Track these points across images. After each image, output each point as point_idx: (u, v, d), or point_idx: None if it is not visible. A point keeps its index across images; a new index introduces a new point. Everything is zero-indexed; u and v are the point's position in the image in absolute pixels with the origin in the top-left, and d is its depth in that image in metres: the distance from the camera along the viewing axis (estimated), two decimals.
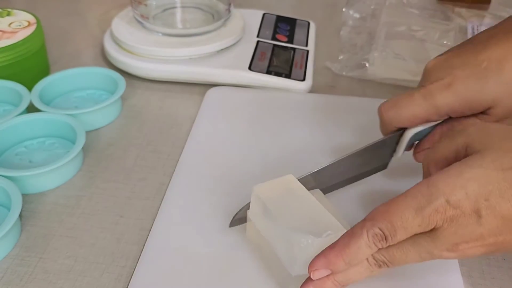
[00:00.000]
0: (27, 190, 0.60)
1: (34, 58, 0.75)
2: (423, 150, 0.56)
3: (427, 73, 0.53)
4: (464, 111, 0.51)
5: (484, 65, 0.50)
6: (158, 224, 0.56)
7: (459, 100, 0.51)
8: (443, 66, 0.52)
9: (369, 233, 0.42)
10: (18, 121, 0.65)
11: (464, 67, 0.51)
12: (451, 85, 0.50)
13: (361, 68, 0.81)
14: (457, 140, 0.44)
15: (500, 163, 0.40)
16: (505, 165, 0.40)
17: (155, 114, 0.73)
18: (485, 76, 0.50)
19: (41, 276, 0.51)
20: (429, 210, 0.41)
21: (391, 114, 0.54)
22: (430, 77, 0.52)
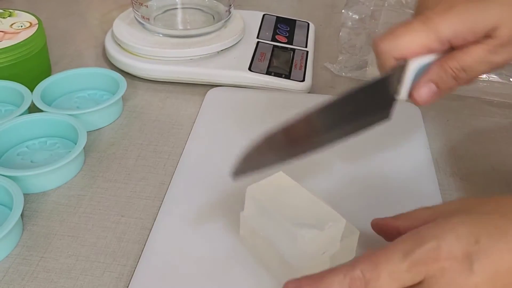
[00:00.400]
0: (29, 189, 0.60)
1: (36, 58, 0.75)
2: (423, 86, 0.49)
3: (421, 1, 0.50)
4: (467, 35, 0.47)
5: None
6: (159, 223, 0.56)
7: (461, 23, 0.46)
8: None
9: (348, 274, 0.39)
10: (20, 121, 0.65)
11: None
12: (452, 7, 0.47)
13: (360, 69, 0.81)
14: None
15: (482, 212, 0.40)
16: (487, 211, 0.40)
17: (156, 114, 0.74)
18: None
19: (43, 275, 0.52)
20: (419, 254, 0.39)
21: (388, 44, 0.48)
22: (426, 4, 0.49)
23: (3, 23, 0.76)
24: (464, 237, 0.39)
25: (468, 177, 0.64)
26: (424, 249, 0.39)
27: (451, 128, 0.71)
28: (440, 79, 0.49)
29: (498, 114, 0.74)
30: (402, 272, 0.38)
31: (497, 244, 0.38)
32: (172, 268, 0.51)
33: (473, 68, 0.48)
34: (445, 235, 0.39)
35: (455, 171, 0.64)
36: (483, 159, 0.67)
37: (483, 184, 0.63)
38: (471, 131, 0.66)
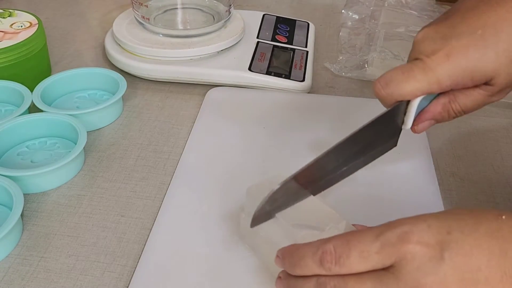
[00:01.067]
0: (29, 189, 0.60)
1: (36, 58, 0.75)
2: (425, 121, 0.53)
3: (418, 45, 0.51)
4: (466, 82, 0.49)
5: (479, 33, 0.48)
6: (159, 223, 0.56)
7: (461, 72, 0.48)
8: (435, 37, 0.50)
9: (320, 247, 0.41)
10: (20, 121, 0.65)
11: (459, 36, 0.48)
12: (450, 56, 0.48)
13: (360, 69, 0.81)
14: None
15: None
16: (459, 212, 0.41)
17: (156, 114, 0.74)
18: (483, 45, 0.48)
19: (43, 275, 0.52)
20: (390, 236, 0.39)
21: (390, 91, 0.51)
22: (423, 49, 0.50)
23: (3, 23, 0.76)
24: (436, 227, 0.40)
25: (468, 177, 0.64)
26: (395, 232, 0.39)
27: (451, 128, 0.71)
28: (442, 117, 0.52)
29: (498, 114, 0.74)
30: (372, 253, 0.39)
31: (468, 239, 0.39)
32: (172, 268, 0.51)
33: (472, 108, 0.52)
34: (418, 223, 0.40)
35: (455, 171, 0.64)
36: (483, 159, 0.67)
37: (483, 184, 0.63)
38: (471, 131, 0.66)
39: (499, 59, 0.48)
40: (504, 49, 0.47)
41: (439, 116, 0.52)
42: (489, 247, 0.39)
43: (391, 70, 0.51)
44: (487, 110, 0.75)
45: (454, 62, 0.48)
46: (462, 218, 0.40)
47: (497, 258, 0.38)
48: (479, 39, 0.48)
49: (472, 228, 0.40)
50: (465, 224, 0.40)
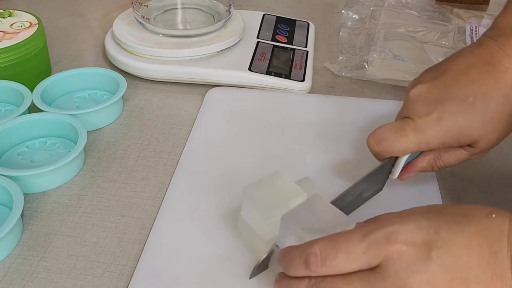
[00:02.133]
0: (29, 189, 0.60)
1: (36, 58, 0.75)
2: (411, 173, 0.57)
3: (411, 104, 0.54)
4: (452, 144, 0.53)
5: (470, 100, 0.51)
6: (159, 223, 0.56)
7: (449, 135, 0.52)
8: (429, 98, 0.53)
9: (306, 249, 0.41)
10: (20, 121, 0.65)
11: (451, 101, 0.52)
12: (441, 120, 0.52)
13: (360, 69, 0.81)
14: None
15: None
16: (449, 212, 0.42)
17: (156, 114, 0.74)
18: (472, 113, 0.51)
19: (43, 275, 0.52)
20: (377, 236, 0.40)
21: (383, 148, 0.54)
22: (416, 110, 0.53)
23: (3, 23, 0.76)
24: (425, 227, 0.40)
25: (468, 177, 0.64)
26: (382, 231, 0.40)
27: None
28: (426, 170, 0.57)
29: None
30: (359, 254, 0.40)
31: (457, 238, 0.39)
32: (172, 268, 0.51)
33: (454, 164, 0.56)
34: (406, 223, 0.40)
35: (455, 171, 0.64)
36: (483, 159, 0.66)
37: (483, 184, 0.63)
38: None
39: (485, 127, 0.52)
40: (490, 118, 0.51)
41: (424, 169, 0.57)
42: (479, 247, 0.39)
43: (383, 127, 0.55)
44: None
45: (444, 125, 0.52)
46: (452, 217, 0.41)
47: (487, 258, 0.39)
48: (470, 106, 0.51)
49: (461, 227, 0.40)
50: (455, 223, 0.40)
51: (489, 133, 0.52)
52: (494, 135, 0.52)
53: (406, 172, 0.57)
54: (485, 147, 0.53)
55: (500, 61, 0.52)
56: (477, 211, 0.41)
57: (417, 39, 0.87)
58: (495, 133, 0.52)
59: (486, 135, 0.52)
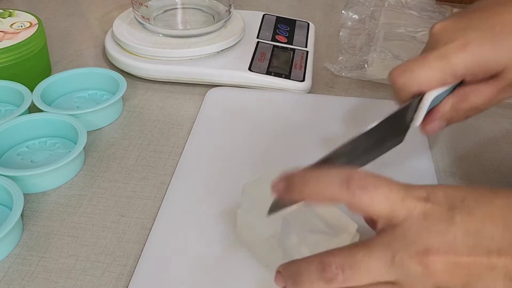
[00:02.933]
0: (29, 189, 0.60)
1: (36, 58, 0.76)
2: (434, 121, 0.54)
3: (435, 36, 0.52)
4: (479, 73, 0.50)
5: (498, 28, 0.49)
6: (159, 223, 0.56)
7: (475, 61, 0.49)
8: (453, 29, 0.51)
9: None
10: (20, 121, 0.65)
11: (477, 30, 0.50)
12: (466, 46, 0.49)
13: (360, 69, 0.81)
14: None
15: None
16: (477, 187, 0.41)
17: (156, 114, 0.74)
18: (500, 39, 0.49)
19: (43, 275, 0.52)
20: (405, 191, 0.40)
21: (404, 79, 0.51)
22: (440, 40, 0.51)
23: (3, 23, 0.76)
24: (451, 194, 0.39)
25: (468, 177, 0.64)
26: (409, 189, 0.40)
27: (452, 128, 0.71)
28: (453, 117, 0.53)
29: (498, 115, 0.74)
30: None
31: (482, 207, 0.39)
32: (172, 268, 0.51)
33: (482, 106, 0.52)
34: (434, 189, 0.40)
35: (455, 171, 0.64)
36: (483, 159, 0.67)
37: (483, 184, 0.63)
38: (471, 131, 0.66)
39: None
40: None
41: (449, 115, 0.53)
42: (504, 219, 0.38)
43: (407, 60, 0.52)
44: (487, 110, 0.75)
45: (469, 51, 0.49)
46: (479, 190, 0.40)
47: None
48: (497, 33, 0.49)
49: (487, 199, 0.39)
50: (481, 195, 0.40)
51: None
52: None
53: (429, 121, 0.53)
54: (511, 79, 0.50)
55: None
56: (505, 190, 0.41)
57: (417, 39, 0.87)
58: None
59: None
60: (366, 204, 0.39)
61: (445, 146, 0.68)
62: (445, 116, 0.53)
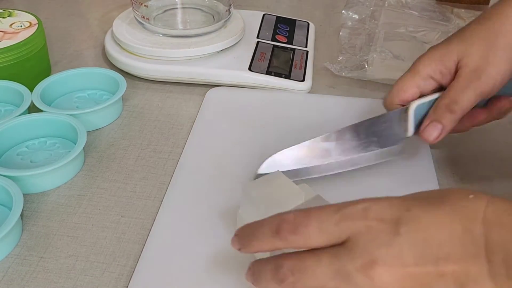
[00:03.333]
0: (29, 190, 0.60)
1: (36, 58, 0.76)
2: (428, 125, 0.57)
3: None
4: (440, 68, 0.58)
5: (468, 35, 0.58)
6: (159, 223, 0.56)
7: (433, 60, 0.58)
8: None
9: (279, 217, 0.42)
10: (20, 121, 0.65)
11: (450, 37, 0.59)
12: (427, 52, 0.59)
13: (360, 69, 0.81)
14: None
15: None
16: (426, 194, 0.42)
17: (155, 114, 0.74)
18: (450, 38, 0.59)
19: (42, 275, 0.52)
20: (349, 210, 0.40)
21: (390, 95, 0.60)
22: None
23: (2, 23, 0.77)
24: (397, 205, 0.40)
25: (468, 177, 0.64)
26: (355, 207, 0.40)
27: None
28: (439, 116, 0.57)
29: None
30: (331, 224, 0.40)
31: (428, 215, 0.39)
32: (172, 268, 0.51)
33: (460, 98, 0.56)
34: (380, 201, 0.41)
35: (455, 171, 0.64)
36: (483, 159, 0.67)
37: (483, 184, 0.63)
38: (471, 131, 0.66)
39: (462, 45, 0.57)
40: (464, 38, 0.58)
41: (435, 115, 0.57)
42: (451, 224, 0.39)
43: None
44: None
45: (427, 54, 0.59)
46: (428, 198, 0.41)
47: (460, 236, 0.38)
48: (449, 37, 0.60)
49: (434, 206, 0.40)
50: (428, 202, 0.40)
51: (470, 51, 0.56)
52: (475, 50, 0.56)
53: (424, 126, 0.58)
54: (473, 66, 0.56)
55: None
56: (455, 192, 0.41)
57: (417, 39, 0.87)
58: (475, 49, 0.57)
59: (467, 52, 0.56)
60: (303, 243, 0.41)
61: (445, 146, 0.68)
62: (433, 117, 0.57)
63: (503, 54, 0.55)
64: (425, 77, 0.58)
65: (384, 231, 0.39)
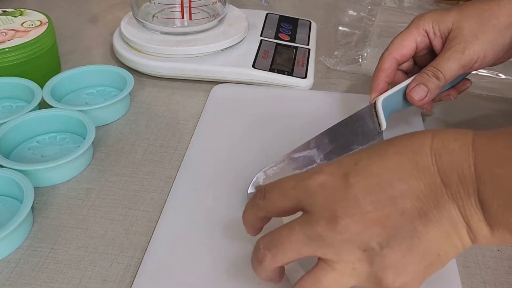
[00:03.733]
0: (39, 183, 0.61)
1: (46, 56, 0.76)
2: (413, 88, 0.60)
3: None
4: (435, 26, 0.62)
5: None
6: (165, 215, 0.57)
7: (433, 19, 0.62)
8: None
9: (255, 194, 0.45)
10: (31, 117, 0.66)
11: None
12: (427, 13, 0.63)
13: (355, 63, 0.82)
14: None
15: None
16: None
17: (162, 110, 0.75)
18: (451, 7, 0.62)
19: (53, 266, 0.52)
20: (305, 174, 0.42)
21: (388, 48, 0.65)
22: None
23: (14, 22, 0.77)
24: (345, 161, 0.42)
25: None
26: (309, 172, 0.42)
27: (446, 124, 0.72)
28: (426, 80, 0.60)
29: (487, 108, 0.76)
30: (289, 189, 0.42)
31: (376, 163, 0.40)
32: (178, 259, 0.52)
33: (445, 67, 0.59)
34: (330, 163, 0.42)
35: None
36: None
37: None
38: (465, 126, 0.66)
39: (458, 16, 0.60)
40: (465, 12, 0.60)
41: (422, 79, 0.60)
42: (399, 164, 0.40)
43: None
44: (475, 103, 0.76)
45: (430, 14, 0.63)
46: (374, 148, 0.42)
47: (410, 171, 0.39)
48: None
49: (380, 152, 0.41)
50: (374, 151, 0.41)
51: (463, 23, 0.60)
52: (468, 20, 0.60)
53: (412, 87, 0.61)
54: (466, 36, 0.59)
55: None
56: (399, 137, 0.42)
57: None
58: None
59: (460, 23, 0.60)
60: (271, 207, 0.44)
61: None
62: (420, 80, 0.60)
63: (491, 35, 0.58)
64: (423, 33, 0.62)
65: (337, 186, 0.40)
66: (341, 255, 0.40)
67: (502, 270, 0.53)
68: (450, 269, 0.51)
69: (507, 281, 0.52)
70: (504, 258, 0.54)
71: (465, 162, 0.38)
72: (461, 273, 0.52)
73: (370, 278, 0.40)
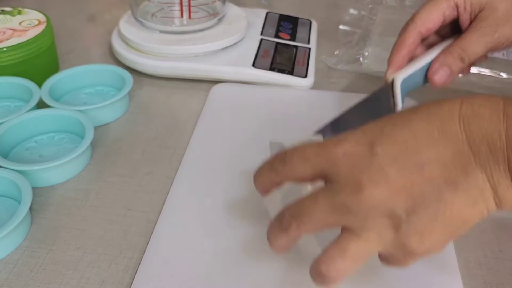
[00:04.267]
0: (37, 183, 0.61)
1: (44, 55, 0.76)
2: (436, 70, 0.57)
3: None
4: (466, 4, 0.57)
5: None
6: (164, 216, 0.57)
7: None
8: None
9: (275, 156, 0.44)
10: (29, 116, 0.66)
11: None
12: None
13: (355, 62, 0.82)
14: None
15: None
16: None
17: (161, 109, 0.74)
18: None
19: (51, 267, 0.52)
20: (329, 141, 0.41)
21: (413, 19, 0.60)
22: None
23: (12, 21, 0.77)
24: (370, 129, 0.41)
25: None
26: (333, 139, 0.41)
27: None
28: (450, 62, 0.57)
29: None
30: (312, 155, 0.41)
31: (401, 130, 0.40)
32: (177, 260, 0.52)
33: (471, 49, 0.57)
34: (355, 131, 0.41)
35: None
36: None
37: None
38: None
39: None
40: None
41: (446, 60, 0.57)
42: (426, 131, 0.39)
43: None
44: None
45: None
46: (401, 114, 0.41)
47: (437, 138, 0.39)
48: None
49: (406, 119, 0.40)
50: (399, 119, 0.41)
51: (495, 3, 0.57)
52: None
53: (435, 69, 0.58)
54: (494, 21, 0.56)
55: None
56: (426, 104, 0.41)
57: None
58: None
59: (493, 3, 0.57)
60: (290, 173, 0.43)
61: None
62: (444, 62, 0.57)
63: None
64: (453, 6, 0.58)
65: (362, 155, 0.39)
66: (367, 223, 0.39)
67: (503, 271, 0.53)
68: (451, 270, 0.51)
69: (509, 282, 0.52)
70: (506, 259, 0.54)
71: (495, 130, 0.38)
72: (462, 274, 0.52)
73: (396, 244, 0.39)
